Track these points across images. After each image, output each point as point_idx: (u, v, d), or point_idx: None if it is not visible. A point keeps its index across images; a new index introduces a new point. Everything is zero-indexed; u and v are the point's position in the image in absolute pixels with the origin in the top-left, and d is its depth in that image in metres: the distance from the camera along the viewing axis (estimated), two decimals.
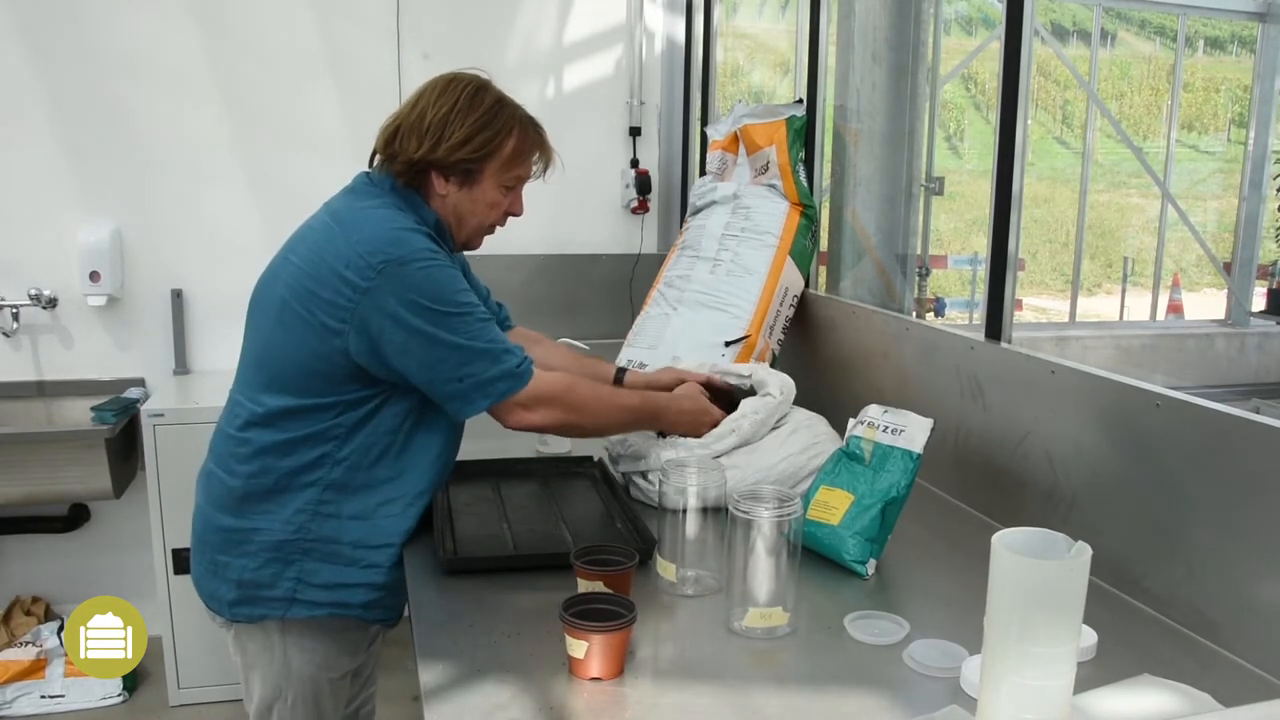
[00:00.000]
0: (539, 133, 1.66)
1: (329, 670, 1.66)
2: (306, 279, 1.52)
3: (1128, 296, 9.42)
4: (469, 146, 1.57)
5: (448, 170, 1.59)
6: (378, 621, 1.68)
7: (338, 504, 1.57)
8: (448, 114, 1.57)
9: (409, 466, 1.61)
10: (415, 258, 1.49)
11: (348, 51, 3.23)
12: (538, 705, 1.14)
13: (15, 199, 3.07)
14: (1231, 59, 13.16)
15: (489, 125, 1.58)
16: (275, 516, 1.57)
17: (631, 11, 3.47)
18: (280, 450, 1.56)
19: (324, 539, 1.57)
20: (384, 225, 1.53)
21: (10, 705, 2.89)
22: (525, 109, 1.66)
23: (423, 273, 1.49)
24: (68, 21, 3.03)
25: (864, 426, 1.60)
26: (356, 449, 1.57)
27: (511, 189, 1.66)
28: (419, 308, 1.47)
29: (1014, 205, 1.78)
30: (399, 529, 1.61)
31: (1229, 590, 1.30)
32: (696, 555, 1.46)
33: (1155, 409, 1.42)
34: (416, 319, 1.47)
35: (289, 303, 1.53)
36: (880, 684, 1.20)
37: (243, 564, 1.58)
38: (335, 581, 1.59)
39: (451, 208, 1.63)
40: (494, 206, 1.65)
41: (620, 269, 3.46)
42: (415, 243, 1.51)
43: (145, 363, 3.21)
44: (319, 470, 1.56)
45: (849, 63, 2.57)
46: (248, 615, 1.61)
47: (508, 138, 1.60)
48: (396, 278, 1.47)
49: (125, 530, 3.18)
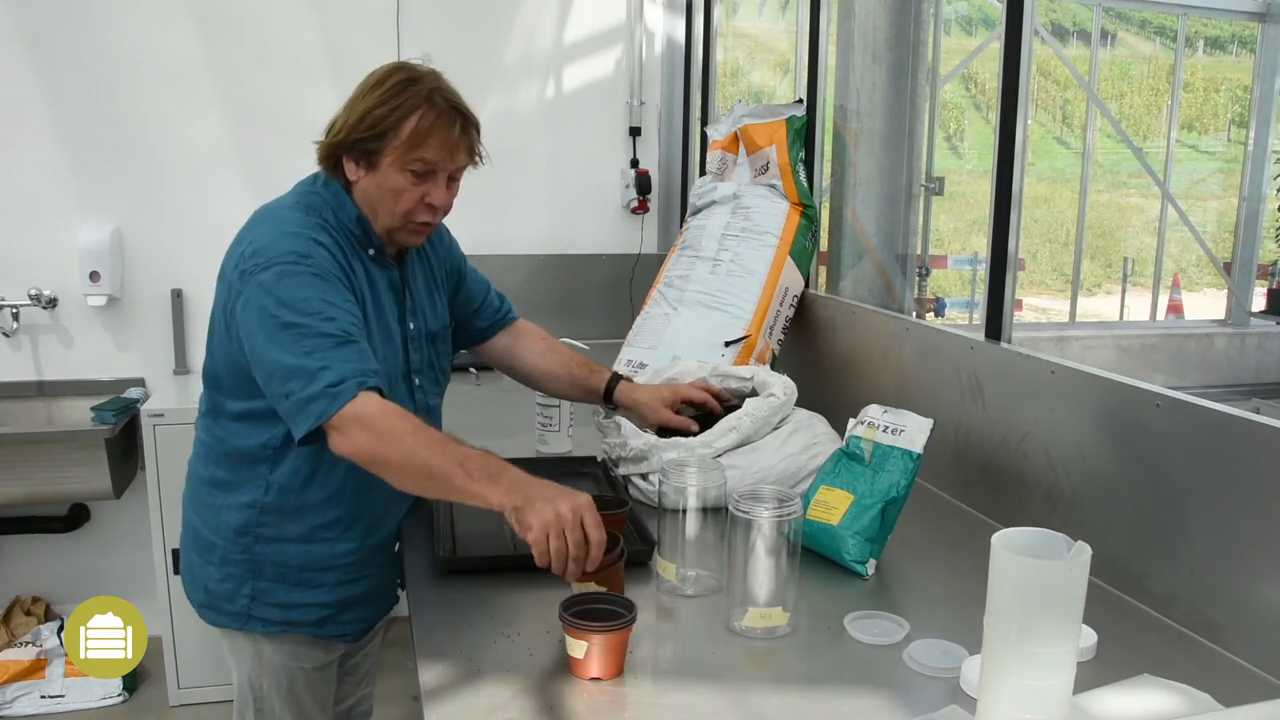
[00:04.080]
0: (450, 117, 1.51)
1: (301, 660, 1.66)
2: (219, 279, 1.55)
3: (1128, 296, 9.42)
4: (364, 124, 1.49)
5: (350, 152, 1.53)
6: (335, 638, 1.67)
7: (277, 526, 1.58)
8: (357, 95, 1.53)
9: (342, 490, 1.58)
10: (278, 261, 1.43)
11: (348, 52, 3.23)
12: (538, 705, 1.14)
13: (15, 199, 3.07)
14: (1231, 59, 13.17)
15: (389, 102, 1.49)
16: (224, 535, 1.59)
17: (631, 11, 3.47)
18: (224, 465, 1.59)
19: (270, 561, 1.59)
20: (271, 226, 1.50)
21: (10, 705, 2.89)
22: (453, 96, 1.54)
23: (276, 275, 1.42)
24: (68, 22, 3.03)
25: (864, 426, 1.59)
26: (285, 471, 1.56)
27: (421, 176, 1.52)
28: (264, 312, 1.41)
29: (1014, 205, 1.78)
30: (340, 550, 1.61)
31: (1229, 590, 1.30)
32: (696, 555, 1.46)
33: (1155, 409, 1.42)
34: (260, 327, 1.41)
35: (219, 302, 1.55)
36: (880, 684, 1.19)
37: (208, 571, 1.61)
38: (286, 601, 1.60)
39: (362, 194, 1.55)
40: (399, 193, 1.52)
41: (620, 269, 3.46)
42: (285, 245, 1.45)
43: (145, 363, 3.22)
44: (253, 490, 1.56)
45: (849, 63, 2.57)
46: (212, 620, 1.64)
47: (408, 116, 1.49)
48: (256, 281, 1.43)
49: (125, 530, 3.18)
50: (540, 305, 3.31)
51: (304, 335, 1.39)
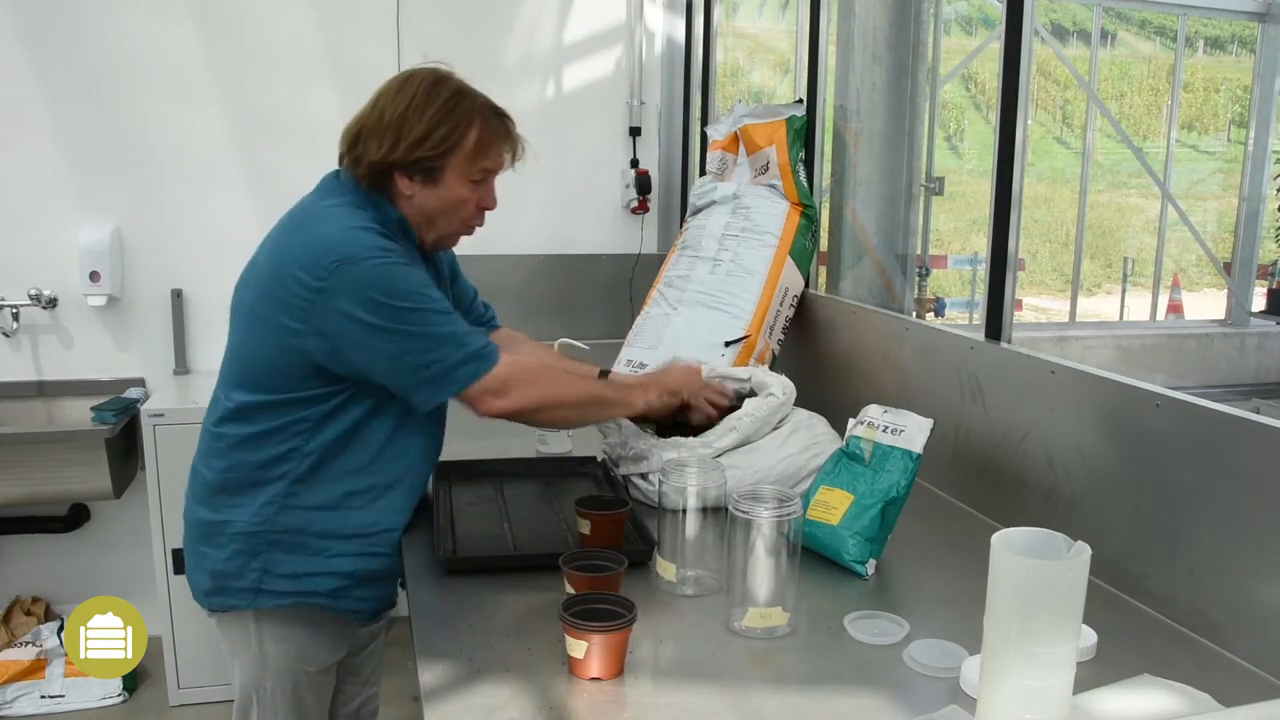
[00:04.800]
0: (504, 121, 1.60)
1: (305, 663, 1.65)
2: (268, 279, 1.53)
3: (1128, 296, 9.42)
4: (429, 143, 1.53)
5: (409, 169, 1.55)
6: (348, 614, 1.67)
7: (303, 495, 1.58)
8: (405, 111, 1.53)
9: (377, 458, 1.60)
10: (366, 255, 1.47)
11: (347, 52, 3.22)
12: (538, 705, 1.14)
13: (15, 199, 3.07)
14: (1231, 59, 13.17)
15: (447, 119, 1.53)
16: (244, 509, 1.58)
17: (631, 11, 3.47)
18: (251, 444, 1.57)
19: (290, 530, 1.58)
20: (336, 224, 1.51)
21: (10, 705, 2.89)
22: (489, 98, 1.60)
23: (375, 270, 1.46)
24: (68, 22, 3.03)
25: (864, 426, 1.60)
26: (323, 442, 1.56)
27: (480, 182, 1.60)
28: (375, 304, 1.45)
29: (1014, 205, 1.78)
30: (366, 520, 1.60)
31: (1229, 590, 1.30)
32: (696, 555, 1.46)
33: (1155, 409, 1.42)
34: (374, 316, 1.45)
35: (256, 304, 1.54)
36: (880, 684, 1.20)
37: (215, 554, 1.60)
38: (300, 571, 1.59)
39: (418, 207, 1.59)
40: (462, 203, 1.60)
41: (620, 269, 3.45)
42: (365, 241, 1.49)
43: (145, 363, 3.21)
44: (287, 464, 1.56)
45: (849, 63, 2.57)
46: (220, 605, 1.62)
47: (469, 130, 1.55)
48: (350, 276, 1.45)
49: (125, 530, 3.18)
50: (540, 305, 3.32)
51: (432, 313, 1.50)
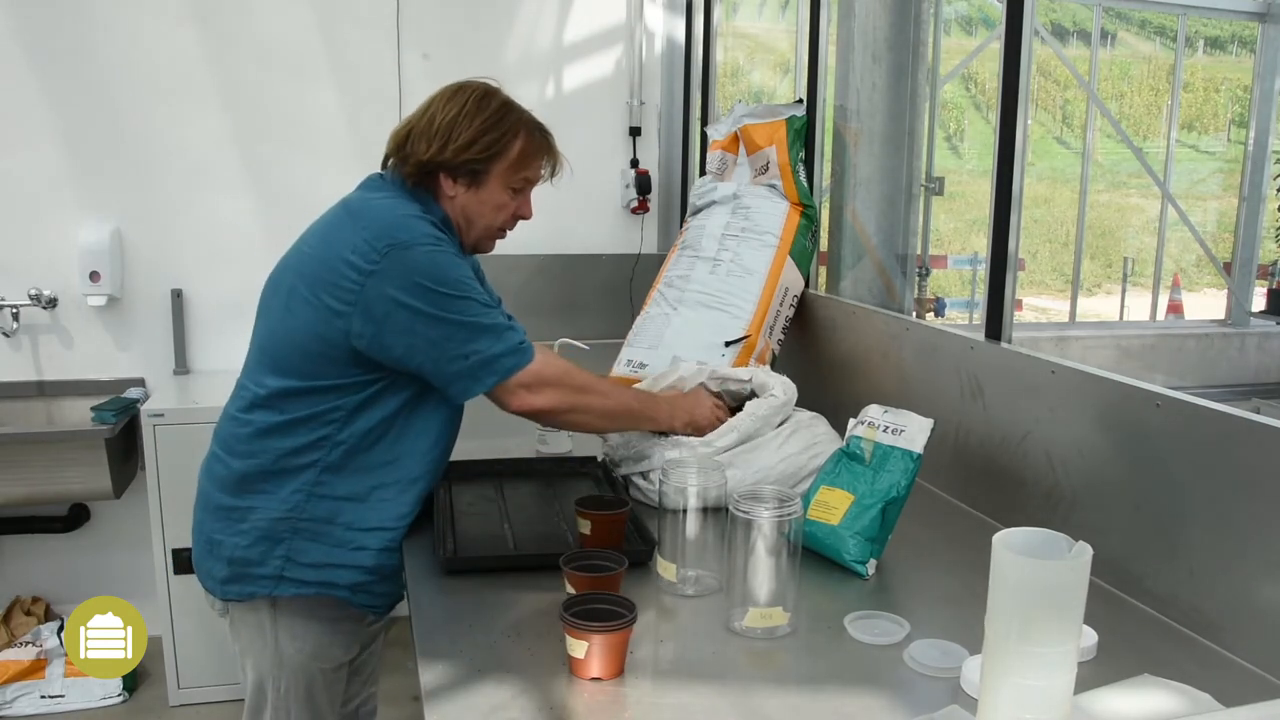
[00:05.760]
0: (546, 137, 1.70)
1: (320, 660, 1.66)
2: (315, 264, 1.56)
3: (1128, 296, 9.43)
4: (476, 147, 1.61)
5: (455, 171, 1.62)
6: (366, 609, 1.68)
7: (333, 485, 1.59)
8: (456, 116, 1.61)
9: (406, 451, 1.63)
10: (419, 242, 1.53)
11: (348, 52, 3.23)
12: (538, 705, 1.14)
13: (15, 199, 3.07)
14: (1231, 59, 13.18)
15: (495, 127, 1.62)
16: (272, 496, 1.59)
17: (631, 11, 3.47)
18: (280, 431, 1.58)
19: (317, 519, 1.59)
20: (389, 212, 1.57)
21: (10, 705, 2.89)
22: (533, 114, 1.69)
23: (427, 256, 1.52)
24: (69, 23, 3.03)
25: (864, 426, 1.60)
26: (355, 432, 1.58)
27: (519, 191, 1.69)
28: (422, 290, 1.50)
29: (1014, 205, 1.78)
30: (392, 513, 1.62)
31: (1229, 590, 1.30)
32: (696, 555, 1.46)
33: (1155, 409, 1.42)
34: (420, 301, 1.50)
35: (296, 288, 1.57)
36: (880, 684, 1.20)
37: (235, 541, 1.60)
38: (323, 561, 1.60)
39: (460, 209, 1.66)
40: (501, 208, 1.68)
41: (620, 269, 3.46)
42: (420, 228, 1.55)
43: (145, 363, 3.21)
44: (317, 452, 1.58)
45: (849, 63, 2.57)
46: (237, 593, 1.62)
47: (514, 140, 1.64)
48: (400, 261, 1.50)
49: (125, 530, 3.18)
50: (540, 305, 3.32)
51: (477, 303, 1.55)
